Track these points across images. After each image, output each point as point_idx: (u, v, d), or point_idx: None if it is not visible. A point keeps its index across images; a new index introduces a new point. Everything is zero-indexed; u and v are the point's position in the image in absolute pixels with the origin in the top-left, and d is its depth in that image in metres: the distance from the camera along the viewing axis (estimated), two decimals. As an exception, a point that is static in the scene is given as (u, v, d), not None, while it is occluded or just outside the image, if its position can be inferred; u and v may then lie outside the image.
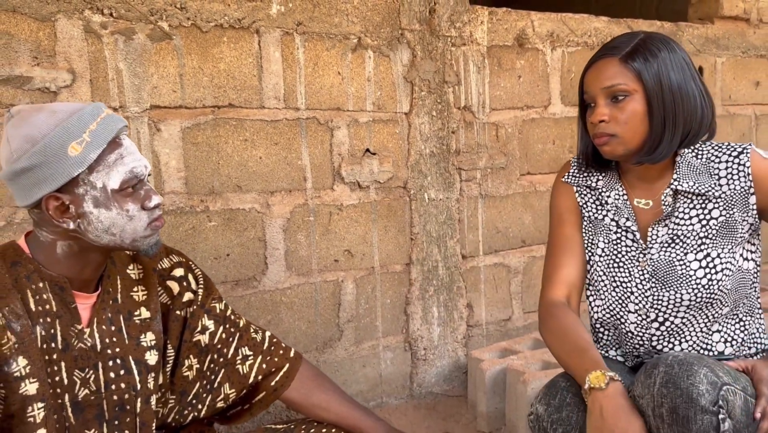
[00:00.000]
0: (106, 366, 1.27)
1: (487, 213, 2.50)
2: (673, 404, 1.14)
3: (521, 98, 2.54)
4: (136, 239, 1.23)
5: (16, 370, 1.13)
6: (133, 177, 1.20)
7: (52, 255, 1.22)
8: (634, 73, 1.30)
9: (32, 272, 1.20)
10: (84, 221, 1.18)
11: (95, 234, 1.19)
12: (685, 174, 1.37)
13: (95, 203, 1.17)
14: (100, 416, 1.27)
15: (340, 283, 2.23)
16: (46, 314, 1.20)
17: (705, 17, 3.05)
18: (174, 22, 1.87)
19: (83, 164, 1.15)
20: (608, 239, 1.44)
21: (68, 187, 1.16)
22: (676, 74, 1.31)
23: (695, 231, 1.36)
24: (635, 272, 1.39)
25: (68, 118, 1.16)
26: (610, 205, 1.45)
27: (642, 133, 1.33)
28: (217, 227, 1.99)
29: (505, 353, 2.34)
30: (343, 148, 2.19)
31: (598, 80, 1.34)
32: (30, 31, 1.69)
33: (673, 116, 1.31)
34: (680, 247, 1.36)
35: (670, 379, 1.15)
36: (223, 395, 1.46)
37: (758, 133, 3.20)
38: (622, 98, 1.31)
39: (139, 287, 1.35)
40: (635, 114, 1.31)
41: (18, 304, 1.15)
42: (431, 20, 2.30)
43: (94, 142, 1.16)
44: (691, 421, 1.13)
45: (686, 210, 1.37)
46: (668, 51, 1.32)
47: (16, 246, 1.22)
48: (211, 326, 1.44)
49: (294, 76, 2.07)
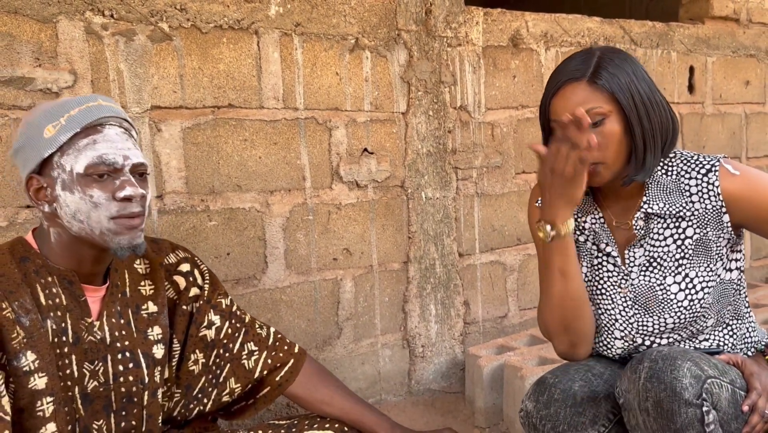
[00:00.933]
0: (115, 359, 1.29)
1: (483, 211, 2.53)
2: (657, 398, 1.16)
3: (516, 98, 2.57)
4: (104, 231, 1.19)
5: (25, 364, 1.15)
6: (100, 163, 1.18)
7: (51, 246, 1.24)
8: (607, 93, 1.26)
9: (41, 267, 1.22)
10: (57, 205, 1.20)
11: (67, 219, 1.20)
12: (655, 195, 1.35)
13: (63, 186, 1.19)
14: (108, 408, 1.29)
15: (339, 281, 2.25)
16: (56, 307, 1.21)
17: (695, 17, 3.09)
18: (174, 23, 1.89)
19: (53, 146, 1.18)
20: (591, 264, 1.43)
21: (45, 170, 1.20)
22: (642, 86, 1.29)
23: (671, 252, 1.35)
24: (617, 298, 1.39)
25: (56, 105, 1.21)
26: (588, 230, 1.44)
27: (624, 152, 1.30)
28: (218, 227, 2.01)
29: (501, 349, 2.37)
30: (342, 148, 2.21)
31: (569, 106, 1.26)
32: (32, 32, 1.70)
33: (650, 128, 1.29)
34: (659, 270, 1.35)
35: (654, 374, 1.17)
36: (228, 390, 1.48)
37: (748, 132, 3.25)
38: (599, 122, 1.26)
39: (146, 281, 1.37)
40: (614, 135, 1.27)
41: (27, 298, 1.17)
42: (427, 21, 2.33)
43: (68, 125, 1.18)
44: (676, 414, 1.15)
45: (660, 231, 1.36)
46: (628, 63, 1.30)
47: (24, 241, 1.24)
48: (217, 321, 1.46)
49: (292, 76, 2.09)
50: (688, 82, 3.02)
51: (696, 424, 1.16)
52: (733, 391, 1.27)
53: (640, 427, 1.21)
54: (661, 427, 1.18)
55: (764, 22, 3.22)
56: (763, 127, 3.30)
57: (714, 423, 1.18)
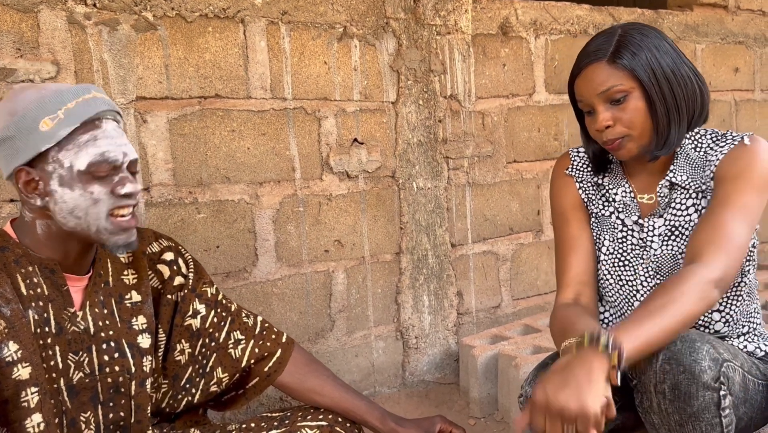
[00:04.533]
0: (100, 349, 1.26)
1: (474, 201, 2.51)
2: (675, 381, 1.14)
3: (506, 86, 2.56)
4: (100, 230, 1.19)
5: (8, 355, 1.12)
6: (103, 161, 1.17)
7: (36, 237, 1.21)
8: (626, 71, 1.27)
9: (20, 256, 1.19)
10: (51, 200, 1.17)
11: (61, 215, 1.18)
12: (681, 167, 1.36)
13: (60, 182, 1.16)
14: (95, 399, 1.26)
15: (331, 273, 2.23)
16: (38, 297, 1.19)
17: (684, 4, 3.08)
18: (158, 12, 1.86)
19: (51, 140, 1.15)
20: (614, 237, 1.43)
21: (38, 163, 1.17)
22: (665, 60, 1.29)
23: (693, 221, 1.35)
24: (640, 269, 1.38)
25: (49, 95, 1.17)
26: (617, 203, 1.43)
27: (649, 127, 1.30)
28: (207, 219, 1.98)
29: (495, 339, 2.35)
30: (331, 138, 2.19)
31: (591, 87, 1.29)
32: (12, 22, 1.67)
33: (675, 103, 1.29)
34: (680, 239, 1.35)
35: (673, 355, 1.14)
36: (216, 379, 1.45)
37: (738, 119, 3.25)
38: (621, 99, 1.28)
39: (129, 270, 1.35)
40: (638, 111, 1.28)
41: (8, 288, 1.14)
42: (416, 9, 2.31)
43: (67, 120, 1.16)
44: (693, 397, 1.13)
45: (683, 201, 1.36)
46: (651, 38, 1.30)
47: (2, 232, 1.22)
48: (202, 310, 1.43)
49: (280, 65, 2.07)
50: (677, 70, 3.01)
51: (712, 408, 1.14)
52: (744, 375, 1.25)
53: (653, 410, 1.18)
54: (676, 410, 1.15)
55: (752, 9, 3.22)
56: (753, 114, 3.30)
57: (729, 408, 1.16)
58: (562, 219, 1.48)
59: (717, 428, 1.16)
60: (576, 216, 1.46)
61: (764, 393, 1.33)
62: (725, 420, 1.16)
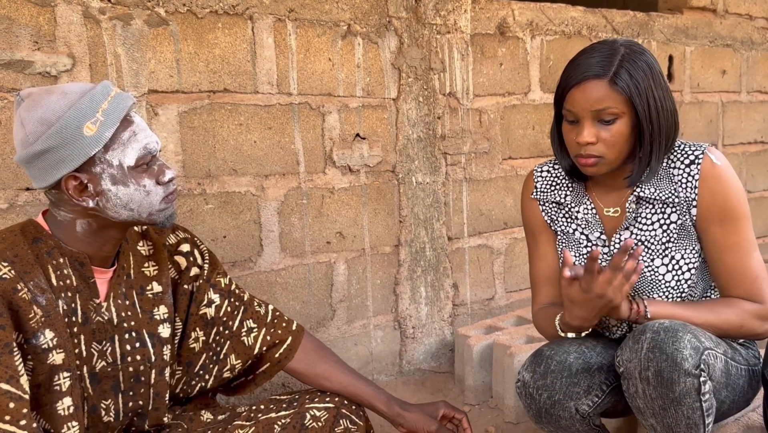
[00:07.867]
0: (122, 339, 1.32)
1: (471, 196, 2.59)
2: (658, 368, 1.22)
3: (503, 85, 2.63)
4: (152, 212, 1.27)
5: (44, 342, 1.17)
6: (147, 153, 1.25)
7: (72, 233, 1.26)
8: (624, 95, 1.30)
9: (53, 248, 1.24)
10: (103, 199, 1.22)
11: (114, 210, 1.24)
12: (648, 181, 1.41)
13: (113, 181, 1.22)
14: (116, 387, 1.32)
15: (333, 264, 2.30)
16: (67, 288, 1.24)
17: (674, 8, 3.17)
18: (170, 8, 1.91)
19: (99, 143, 1.19)
20: (579, 253, 1.49)
21: (86, 167, 1.20)
22: (658, 93, 1.33)
23: (657, 236, 1.41)
24: None
25: (80, 99, 1.19)
26: (579, 219, 1.49)
27: (626, 152, 1.35)
28: (214, 210, 2.04)
29: (489, 330, 2.43)
30: (335, 133, 2.25)
31: (587, 102, 1.31)
32: (30, 15, 1.71)
33: (658, 133, 1.34)
34: (647, 253, 1.42)
35: (657, 344, 1.23)
36: (229, 366, 1.51)
37: (725, 120, 3.35)
38: (611, 121, 1.32)
39: (150, 262, 1.40)
40: (621, 135, 1.32)
41: (42, 278, 1.19)
42: (417, 8, 2.37)
43: (108, 120, 1.19)
44: (675, 383, 1.22)
45: (648, 216, 1.42)
46: (649, 66, 1.33)
47: (36, 223, 1.26)
48: (216, 299, 1.49)
49: (286, 62, 2.13)
50: (667, 71, 3.10)
51: (693, 393, 1.23)
52: (726, 361, 1.34)
53: (639, 395, 1.27)
54: (660, 395, 1.24)
55: (740, 13, 3.32)
56: (739, 115, 3.41)
57: (709, 393, 1.25)
58: (532, 237, 1.59)
59: (697, 412, 1.25)
60: (543, 237, 1.56)
61: (746, 378, 1.42)
62: (705, 404, 1.25)
